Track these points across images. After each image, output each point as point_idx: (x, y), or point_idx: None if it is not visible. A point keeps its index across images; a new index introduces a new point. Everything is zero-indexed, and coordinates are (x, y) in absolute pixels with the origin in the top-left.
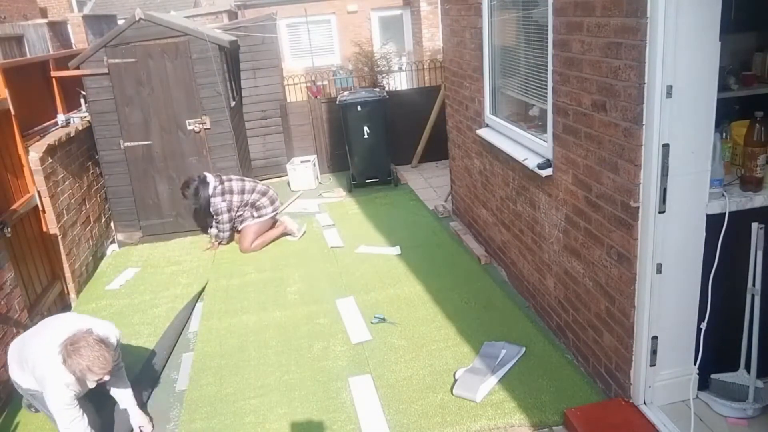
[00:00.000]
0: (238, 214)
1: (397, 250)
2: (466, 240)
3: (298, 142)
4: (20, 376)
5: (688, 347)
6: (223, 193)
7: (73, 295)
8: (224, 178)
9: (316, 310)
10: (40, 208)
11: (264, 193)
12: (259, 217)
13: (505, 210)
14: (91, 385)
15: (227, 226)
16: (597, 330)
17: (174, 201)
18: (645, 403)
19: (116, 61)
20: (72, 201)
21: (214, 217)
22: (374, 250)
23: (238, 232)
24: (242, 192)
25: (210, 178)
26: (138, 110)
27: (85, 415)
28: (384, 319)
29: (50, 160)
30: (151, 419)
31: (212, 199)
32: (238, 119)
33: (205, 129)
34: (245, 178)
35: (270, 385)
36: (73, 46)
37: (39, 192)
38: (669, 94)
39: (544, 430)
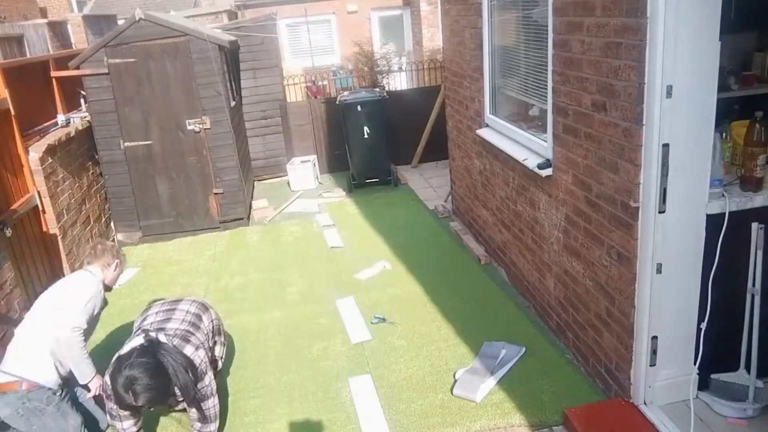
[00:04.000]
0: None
1: (387, 264)
2: (466, 240)
3: (298, 142)
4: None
5: (688, 347)
6: (187, 340)
7: None
8: (153, 319)
9: (316, 310)
10: (40, 208)
11: (196, 302)
12: (224, 344)
13: (505, 210)
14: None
15: (216, 400)
16: (597, 330)
17: (174, 201)
18: (645, 403)
19: (116, 61)
20: (72, 201)
21: (198, 398)
22: (372, 272)
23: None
24: (199, 319)
25: (146, 336)
26: (138, 110)
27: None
28: (384, 319)
29: (50, 160)
30: None
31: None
32: (238, 119)
33: (205, 129)
34: (156, 304)
35: (270, 385)
36: (73, 46)
37: (39, 192)
38: (669, 94)
39: (544, 430)
